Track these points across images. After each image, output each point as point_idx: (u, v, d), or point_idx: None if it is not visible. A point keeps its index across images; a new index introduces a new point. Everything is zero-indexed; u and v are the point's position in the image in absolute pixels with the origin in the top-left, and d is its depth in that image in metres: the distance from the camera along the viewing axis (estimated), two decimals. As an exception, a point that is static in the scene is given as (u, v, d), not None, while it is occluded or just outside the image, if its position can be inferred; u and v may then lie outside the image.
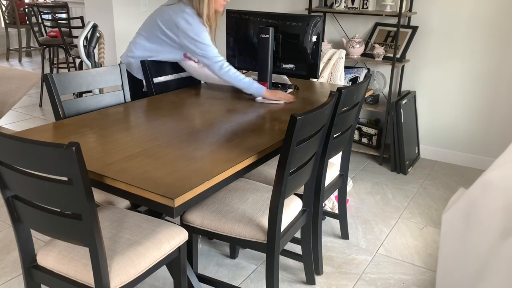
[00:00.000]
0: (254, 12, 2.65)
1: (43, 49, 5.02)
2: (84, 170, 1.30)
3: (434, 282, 2.31)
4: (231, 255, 2.45)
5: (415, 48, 3.67)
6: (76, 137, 1.84)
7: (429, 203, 3.10)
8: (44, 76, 2.12)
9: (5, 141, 1.36)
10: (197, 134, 1.92)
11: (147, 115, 2.17)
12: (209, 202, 1.95)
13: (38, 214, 1.47)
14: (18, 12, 7.07)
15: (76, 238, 1.44)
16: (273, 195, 1.73)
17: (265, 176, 2.28)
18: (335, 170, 2.44)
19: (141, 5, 4.26)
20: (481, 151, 3.64)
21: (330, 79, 3.19)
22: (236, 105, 2.35)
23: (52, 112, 2.16)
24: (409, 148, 3.61)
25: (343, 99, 2.01)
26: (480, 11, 3.39)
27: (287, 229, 1.93)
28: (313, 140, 1.82)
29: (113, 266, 1.51)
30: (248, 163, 1.69)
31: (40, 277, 1.63)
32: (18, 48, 7.27)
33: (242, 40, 2.71)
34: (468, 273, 1.43)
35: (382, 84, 3.80)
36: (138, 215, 1.81)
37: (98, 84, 2.36)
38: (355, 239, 2.65)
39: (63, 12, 5.95)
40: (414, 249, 2.58)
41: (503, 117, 3.50)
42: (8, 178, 1.47)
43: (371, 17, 3.79)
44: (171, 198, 1.37)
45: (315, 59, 2.55)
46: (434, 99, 3.72)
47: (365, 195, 3.19)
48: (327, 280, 2.30)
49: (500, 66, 3.42)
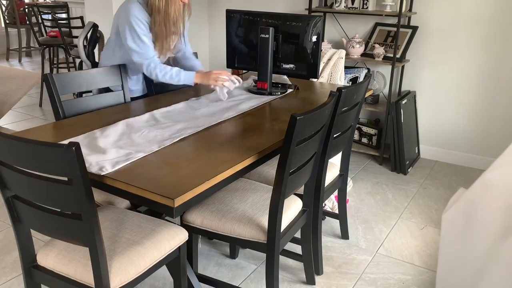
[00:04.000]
0: (254, 12, 2.65)
1: (43, 49, 5.02)
2: (84, 170, 1.30)
3: (434, 282, 2.31)
4: (231, 255, 2.45)
5: (415, 48, 3.67)
6: (76, 137, 1.84)
7: (429, 203, 3.10)
8: (44, 76, 2.12)
9: (5, 141, 1.36)
10: (197, 134, 1.92)
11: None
12: (209, 202, 1.95)
13: (38, 214, 1.47)
14: (18, 12, 7.07)
15: (76, 238, 1.44)
16: (273, 195, 1.73)
17: (265, 176, 2.28)
18: (335, 170, 2.44)
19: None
20: (481, 151, 3.64)
21: (330, 79, 3.19)
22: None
23: (52, 112, 2.16)
24: (409, 148, 3.61)
25: (343, 99, 2.01)
26: (480, 11, 3.39)
27: (287, 229, 1.93)
28: (313, 140, 1.82)
29: (113, 266, 1.51)
30: (248, 163, 1.69)
31: (40, 277, 1.63)
32: (18, 48, 7.27)
33: (242, 40, 2.71)
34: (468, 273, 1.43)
35: (382, 84, 3.80)
36: (138, 215, 1.81)
37: (98, 84, 2.36)
38: (355, 239, 2.65)
39: (63, 12, 5.94)
40: (414, 249, 2.58)
41: (503, 117, 3.50)
42: (8, 178, 1.47)
43: (371, 17, 3.79)
44: (171, 198, 1.37)
45: (315, 59, 2.55)
46: (434, 99, 3.72)
47: (365, 195, 3.19)
48: (327, 280, 2.30)
49: (500, 66, 3.42)
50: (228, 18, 2.71)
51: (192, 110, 2.23)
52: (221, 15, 4.52)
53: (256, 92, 2.58)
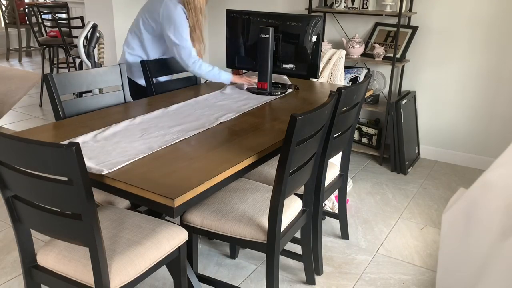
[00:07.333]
0: (254, 12, 2.65)
1: (43, 49, 5.02)
2: (84, 170, 1.30)
3: (434, 282, 2.31)
4: (231, 255, 2.45)
5: (415, 48, 3.67)
6: (76, 137, 1.84)
7: (429, 203, 3.10)
8: (44, 76, 2.12)
9: (5, 141, 1.36)
10: (198, 134, 1.92)
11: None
12: (209, 202, 1.95)
13: (38, 214, 1.47)
14: (18, 12, 7.07)
15: (76, 238, 1.44)
16: (273, 195, 1.73)
17: (265, 176, 2.28)
18: (335, 170, 2.44)
19: (141, 5, 4.25)
20: (481, 151, 3.64)
21: (330, 79, 3.19)
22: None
23: (52, 112, 2.16)
24: (409, 148, 3.61)
25: (343, 99, 2.01)
26: (480, 11, 3.39)
27: (287, 229, 1.93)
28: (313, 140, 1.82)
29: (113, 266, 1.51)
30: (248, 163, 1.69)
31: (40, 277, 1.63)
32: (18, 48, 7.26)
33: (242, 40, 2.71)
34: (468, 273, 1.43)
35: (382, 84, 3.80)
36: (138, 215, 1.81)
37: (98, 84, 2.36)
38: (355, 239, 2.65)
39: (63, 12, 5.94)
40: (414, 249, 2.58)
41: (503, 117, 3.50)
42: (8, 178, 1.47)
43: (371, 17, 3.79)
44: (171, 198, 1.37)
45: (315, 59, 2.55)
46: (434, 99, 3.72)
47: (365, 195, 3.19)
48: (327, 280, 2.30)
49: (500, 66, 3.42)
50: (228, 18, 2.71)
51: (193, 110, 2.23)
52: (221, 15, 4.52)
53: (256, 92, 2.58)
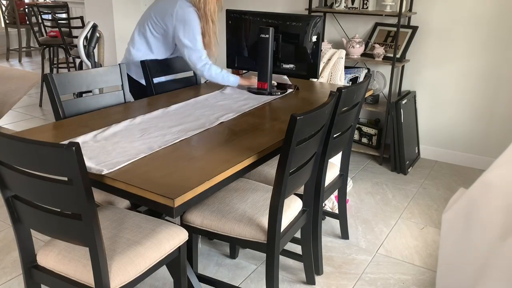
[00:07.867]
0: (254, 12, 2.65)
1: (43, 49, 5.02)
2: (84, 170, 1.30)
3: (434, 282, 2.31)
4: (231, 255, 2.45)
5: (415, 48, 3.67)
6: (76, 137, 1.84)
7: (429, 203, 3.10)
8: (44, 76, 2.12)
9: (5, 141, 1.36)
10: (198, 134, 1.92)
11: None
12: (209, 202, 1.95)
13: (38, 214, 1.47)
14: (18, 12, 7.07)
15: (76, 238, 1.44)
16: (273, 195, 1.73)
17: (265, 176, 2.28)
18: (335, 170, 2.44)
19: (141, 5, 4.26)
20: (481, 151, 3.64)
21: (330, 79, 3.19)
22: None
23: (52, 112, 2.16)
24: (409, 148, 3.61)
25: (343, 99, 2.01)
26: (480, 11, 3.39)
27: (287, 229, 1.93)
28: (313, 140, 1.82)
29: (113, 266, 1.51)
30: (248, 163, 1.69)
31: (40, 277, 1.63)
32: (18, 48, 7.27)
33: (242, 40, 2.71)
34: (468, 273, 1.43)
35: (382, 84, 3.80)
36: (138, 215, 1.81)
37: (98, 84, 2.36)
38: (355, 239, 2.65)
39: (63, 12, 5.94)
40: (414, 249, 2.58)
41: (503, 117, 3.50)
42: (8, 178, 1.47)
43: (371, 17, 3.79)
44: (171, 198, 1.37)
45: (315, 59, 2.55)
46: (434, 99, 3.72)
47: (365, 195, 3.19)
48: (327, 280, 2.30)
49: (500, 66, 3.42)
50: (228, 18, 2.71)
51: (193, 110, 2.23)
52: (221, 15, 4.51)
53: (256, 92, 2.58)
